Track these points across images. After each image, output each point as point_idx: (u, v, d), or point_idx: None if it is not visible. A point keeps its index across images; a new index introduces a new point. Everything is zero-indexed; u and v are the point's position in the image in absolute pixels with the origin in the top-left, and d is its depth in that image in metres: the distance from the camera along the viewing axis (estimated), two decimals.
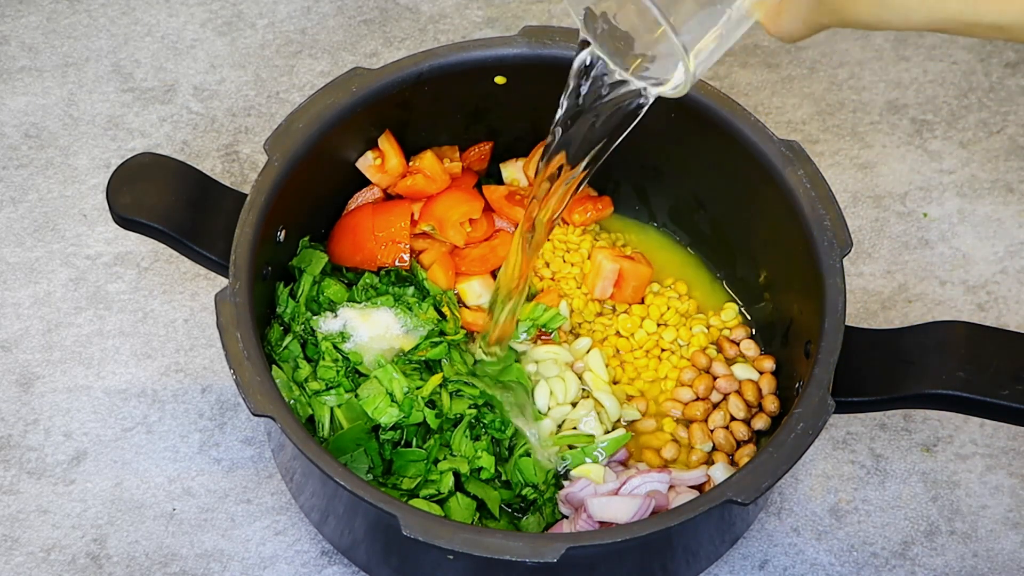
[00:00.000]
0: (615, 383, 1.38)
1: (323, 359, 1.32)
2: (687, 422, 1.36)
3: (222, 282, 1.29)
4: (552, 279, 1.42)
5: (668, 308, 1.41)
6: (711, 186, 1.40)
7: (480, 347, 1.35)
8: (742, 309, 1.42)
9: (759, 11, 0.93)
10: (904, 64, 1.66)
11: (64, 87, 1.61)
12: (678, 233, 1.47)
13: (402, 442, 1.30)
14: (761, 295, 1.40)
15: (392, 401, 1.29)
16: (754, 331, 1.41)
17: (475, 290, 1.39)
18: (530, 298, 1.40)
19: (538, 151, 1.45)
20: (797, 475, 1.39)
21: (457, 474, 1.29)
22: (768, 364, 1.37)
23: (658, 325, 1.40)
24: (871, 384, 1.23)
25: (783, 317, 1.37)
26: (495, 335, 1.33)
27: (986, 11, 0.85)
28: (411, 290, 1.37)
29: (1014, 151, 1.59)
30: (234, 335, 1.19)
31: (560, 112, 1.13)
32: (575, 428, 1.34)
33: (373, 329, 1.34)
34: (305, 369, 1.31)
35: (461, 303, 1.39)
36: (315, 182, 1.33)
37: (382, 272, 1.38)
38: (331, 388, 1.30)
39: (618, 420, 1.35)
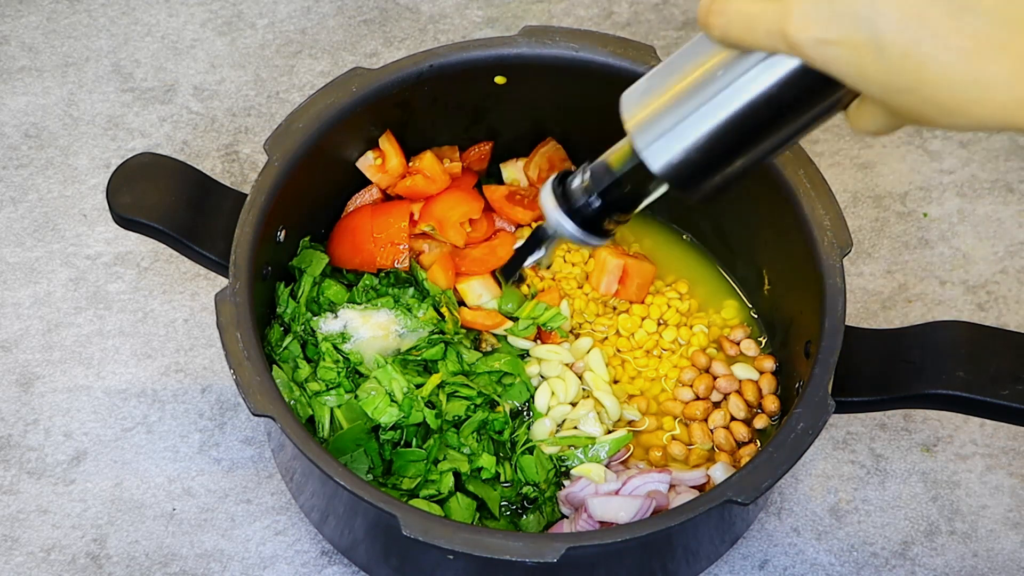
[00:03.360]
0: (615, 383, 1.38)
1: (323, 360, 1.32)
2: (687, 422, 1.36)
3: (222, 282, 1.29)
4: (553, 279, 1.42)
5: (668, 307, 1.41)
6: None
7: None
8: (746, 302, 1.42)
9: (846, 118, 0.97)
10: None
11: (64, 87, 1.61)
12: (679, 231, 1.47)
13: (402, 442, 1.30)
14: (761, 295, 1.40)
15: (392, 401, 1.29)
16: (753, 330, 1.41)
17: (475, 290, 1.39)
18: (531, 298, 1.40)
19: (538, 151, 1.45)
20: (797, 475, 1.39)
21: (457, 474, 1.29)
22: (768, 364, 1.37)
23: (658, 324, 1.40)
24: (871, 384, 1.23)
25: (783, 317, 1.37)
26: None
27: None
28: (411, 291, 1.37)
29: (1014, 151, 1.59)
30: (234, 335, 1.19)
31: None
32: (575, 428, 1.34)
33: (373, 330, 1.34)
34: (305, 369, 1.31)
35: (461, 303, 1.39)
36: (315, 182, 1.33)
37: (382, 274, 1.38)
38: (331, 389, 1.30)
39: (618, 420, 1.35)
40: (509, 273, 1.18)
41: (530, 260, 1.13)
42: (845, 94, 0.93)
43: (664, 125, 0.97)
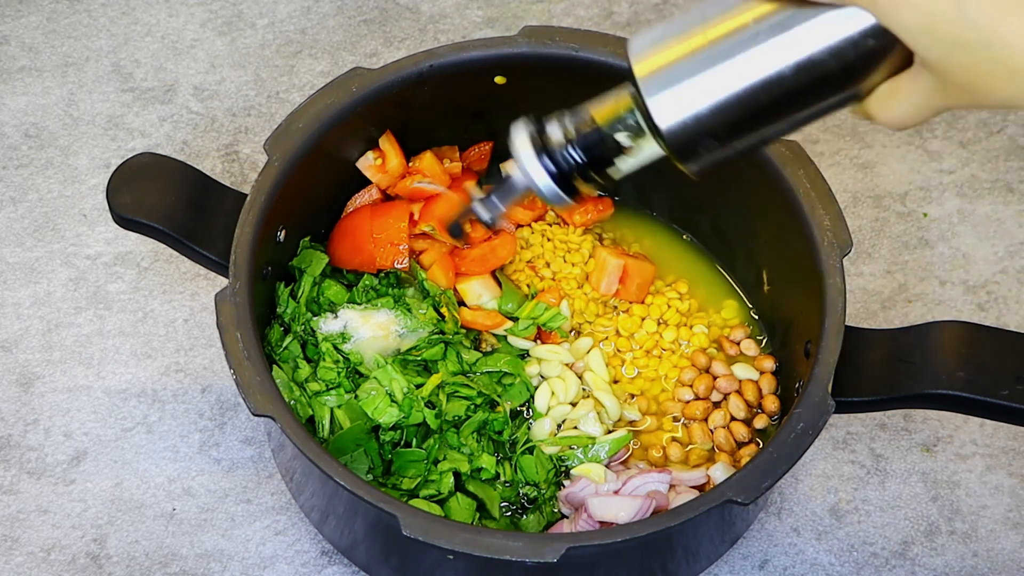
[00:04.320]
0: (615, 383, 1.38)
1: (323, 360, 1.32)
2: (687, 422, 1.36)
3: (222, 282, 1.29)
4: (553, 279, 1.42)
5: (668, 307, 1.41)
6: (711, 186, 1.39)
7: None
8: (746, 302, 1.42)
9: (867, 107, 0.91)
10: None
11: (64, 87, 1.61)
12: (679, 231, 1.47)
13: (402, 442, 1.30)
14: (761, 295, 1.40)
15: (392, 401, 1.29)
16: (753, 330, 1.41)
17: (475, 290, 1.39)
18: (531, 298, 1.40)
19: None
20: (797, 475, 1.39)
21: (457, 474, 1.29)
22: (768, 364, 1.37)
23: (658, 324, 1.40)
24: (871, 384, 1.23)
25: (783, 317, 1.37)
26: None
27: None
28: (411, 291, 1.37)
29: (1014, 151, 1.59)
30: (234, 335, 1.19)
31: None
32: (575, 428, 1.34)
33: (373, 330, 1.34)
34: (305, 369, 1.31)
35: (461, 303, 1.39)
36: (315, 182, 1.33)
37: (382, 274, 1.38)
38: (331, 389, 1.30)
39: (618, 420, 1.35)
40: (455, 221, 1.06)
41: (484, 212, 1.02)
42: (874, 79, 0.87)
43: (683, 76, 0.89)
